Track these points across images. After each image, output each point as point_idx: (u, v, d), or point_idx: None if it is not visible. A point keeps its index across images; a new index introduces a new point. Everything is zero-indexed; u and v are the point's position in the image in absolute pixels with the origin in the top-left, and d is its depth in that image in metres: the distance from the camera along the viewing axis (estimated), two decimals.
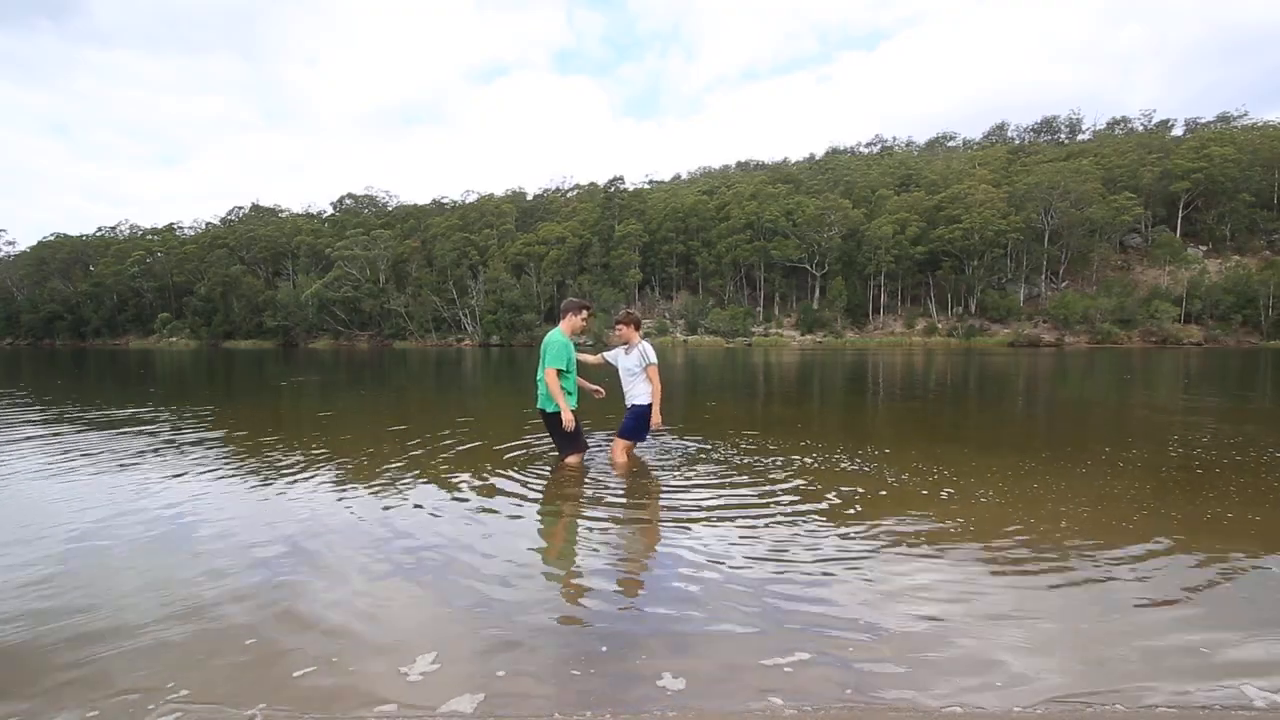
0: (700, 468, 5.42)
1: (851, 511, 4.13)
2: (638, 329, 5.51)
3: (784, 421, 8.95)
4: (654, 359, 5.34)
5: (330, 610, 2.74)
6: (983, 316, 60.96)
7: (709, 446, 6.41)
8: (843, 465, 5.52)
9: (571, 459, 5.32)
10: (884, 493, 4.61)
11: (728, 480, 4.97)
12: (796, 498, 4.46)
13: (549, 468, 5.40)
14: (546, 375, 5.04)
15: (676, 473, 5.26)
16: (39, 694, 2.14)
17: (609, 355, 5.69)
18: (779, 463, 5.61)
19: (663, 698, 2.09)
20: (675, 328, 66.21)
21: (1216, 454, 5.94)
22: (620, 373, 5.53)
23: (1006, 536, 3.64)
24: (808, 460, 5.70)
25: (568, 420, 5.03)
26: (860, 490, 4.65)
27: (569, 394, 5.18)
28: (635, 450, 5.82)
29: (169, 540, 3.69)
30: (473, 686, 2.15)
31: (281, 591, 2.94)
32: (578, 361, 5.42)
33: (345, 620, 2.65)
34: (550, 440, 5.70)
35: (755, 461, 5.68)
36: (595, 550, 3.52)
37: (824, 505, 4.27)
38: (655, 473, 5.28)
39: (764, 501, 4.37)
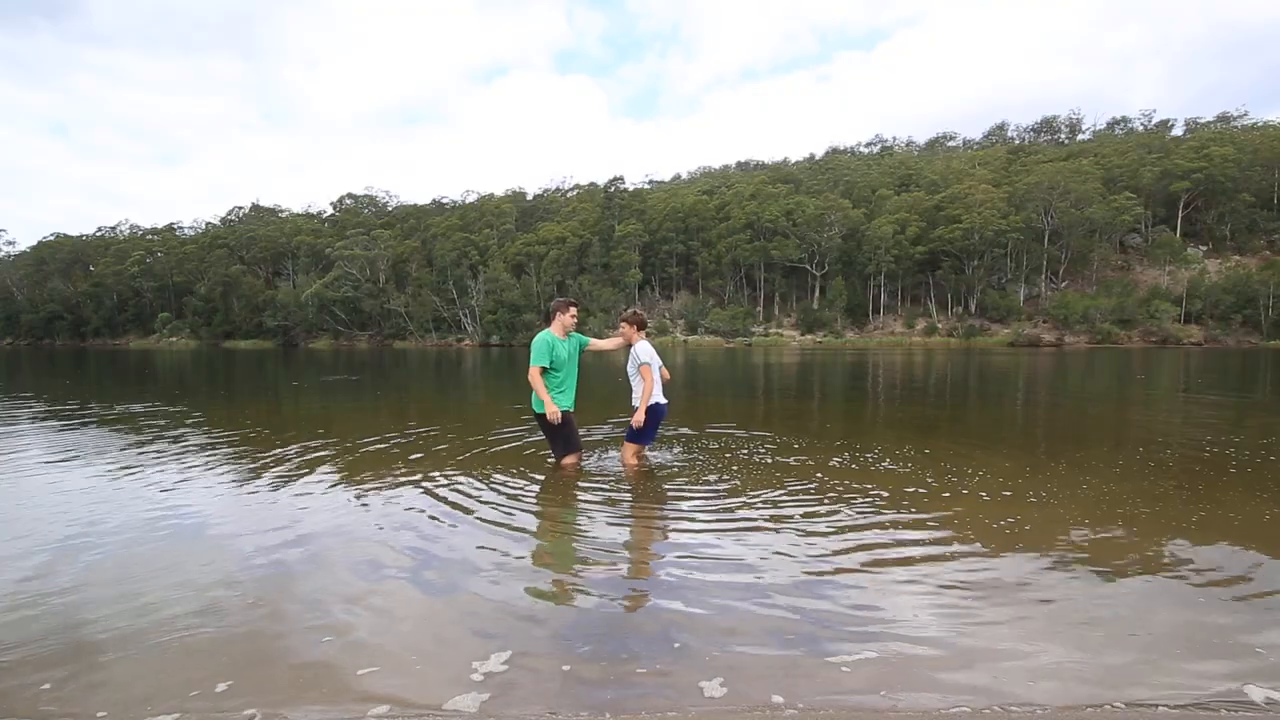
0: (718, 467, 5.40)
1: (891, 514, 4.07)
2: (640, 329, 5.37)
3: (803, 421, 8.94)
4: (645, 359, 5.19)
5: (330, 610, 2.75)
6: (983, 316, 60.96)
7: (731, 445, 6.39)
8: (883, 465, 5.48)
9: (568, 460, 5.29)
10: (922, 491, 4.56)
11: (745, 479, 4.94)
12: (831, 495, 4.43)
13: (546, 469, 5.37)
14: (530, 374, 5.03)
15: (690, 473, 5.22)
16: (43, 695, 2.13)
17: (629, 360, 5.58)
18: (810, 462, 5.57)
19: (664, 698, 2.09)
20: (675, 328, 66.18)
21: (1250, 453, 5.93)
22: (629, 373, 5.49)
23: (1065, 539, 3.58)
24: (840, 459, 5.67)
25: (552, 413, 4.99)
26: (899, 490, 4.60)
27: (561, 392, 5.18)
28: (660, 452, 5.87)
29: (173, 540, 3.69)
30: (473, 686, 2.15)
31: (282, 591, 2.94)
32: (603, 351, 5.54)
33: (345, 620, 2.66)
34: (546, 442, 5.66)
35: (778, 461, 5.65)
36: (594, 551, 3.49)
37: (859, 505, 4.23)
38: (664, 473, 5.25)
39: (793, 499, 4.34)
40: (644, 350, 5.21)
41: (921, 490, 4.62)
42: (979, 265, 60.68)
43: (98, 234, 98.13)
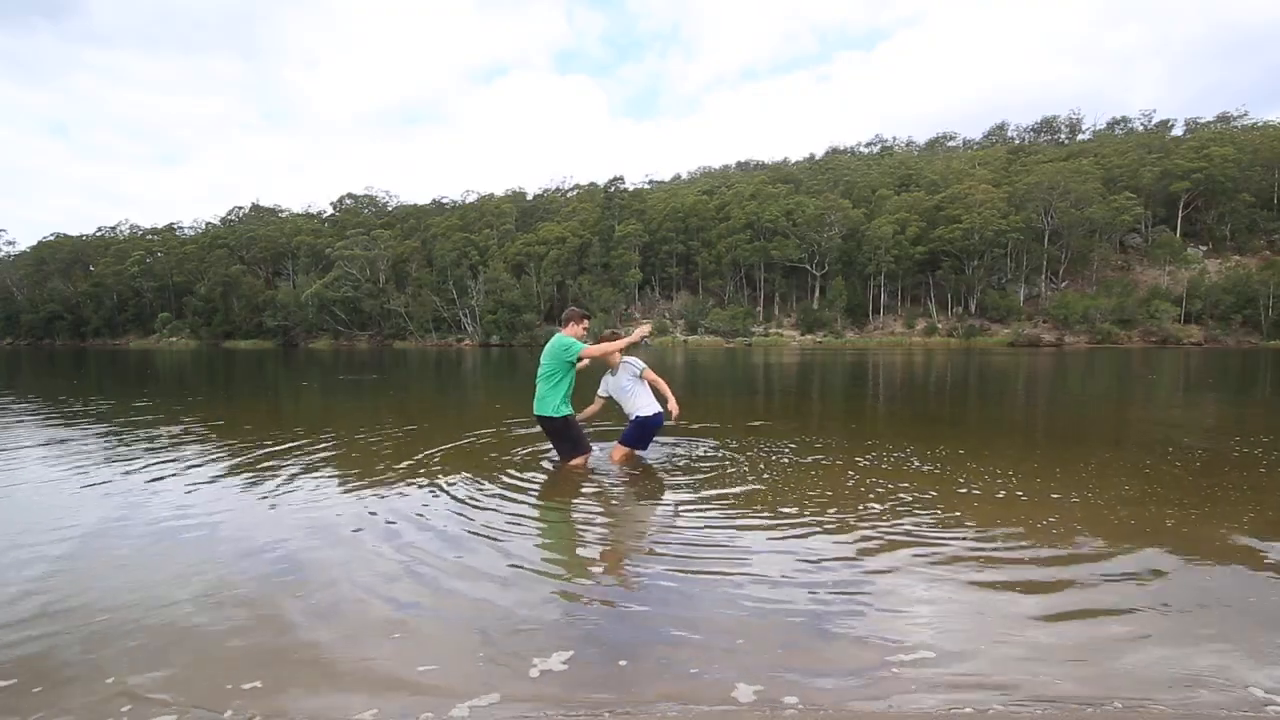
0: (740, 466, 5.37)
1: (924, 514, 4.02)
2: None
3: (816, 420, 8.93)
4: (644, 364, 5.49)
5: (330, 611, 2.74)
6: (983, 316, 61.02)
7: (752, 444, 6.37)
8: (913, 464, 5.45)
9: (576, 461, 5.29)
10: (975, 493, 4.51)
11: (770, 479, 4.90)
12: (871, 496, 4.41)
13: (553, 469, 5.35)
14: (592, 350, 5.18)
15: (710, 472, 5.19)
16: (56, 694, 2.12)
17: (602, 390, 5.68)
18: (839, 462, 5.55)
19: (662, 699, 2.08)
20: (675, 328, 66.19)
21: (1279, 453, 5.93)
22: (617, 395, 5.51)
23: (1109, 541, 3.53)
24: (868, 459, 5.65)
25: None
26: (935, 490, 4.54)
27: (564, 398, 5.28)
28: (676, 452, 5.98)
29: (183, 540, 3.68)
30: (476, 688, 2.14)
31: (295, 592, 2.93)
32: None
33: (344, 621, 2.65)
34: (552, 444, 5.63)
35: (801, 460, 5.63)
36: (605, 552, 3.48)
37: (892, 506, 4.20)
38: (680, 473, 5.22)
39: (822, 498, 4.31)
40: (636, 360, 5.49)
41: (975, 491, 4.55)
42: (979, 265, 60.73)
43: (98, 234, 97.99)
